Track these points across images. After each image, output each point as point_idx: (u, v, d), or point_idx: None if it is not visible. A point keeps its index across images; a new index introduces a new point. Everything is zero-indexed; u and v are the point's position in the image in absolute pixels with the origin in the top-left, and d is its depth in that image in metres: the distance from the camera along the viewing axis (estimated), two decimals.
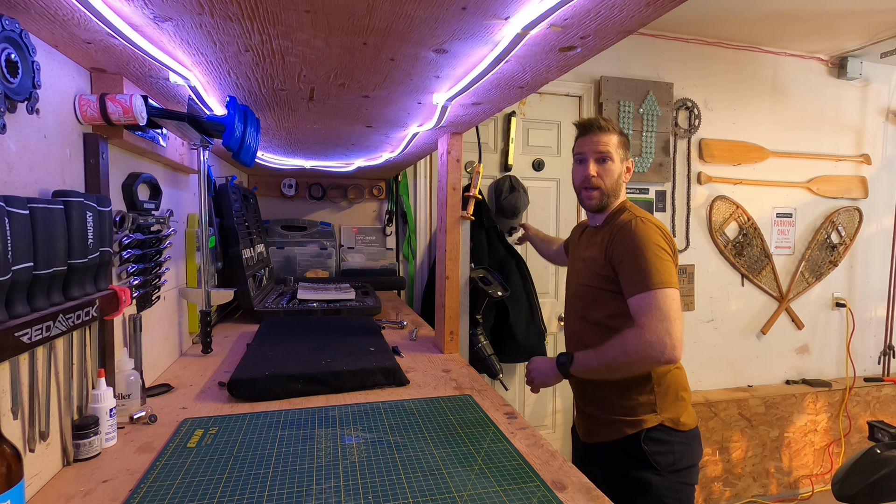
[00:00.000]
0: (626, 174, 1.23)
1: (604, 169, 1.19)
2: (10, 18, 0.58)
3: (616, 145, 1.19)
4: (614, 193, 1.20)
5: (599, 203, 1.20)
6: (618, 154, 1.20)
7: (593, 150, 1.19)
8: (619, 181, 1.20)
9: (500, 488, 0.66)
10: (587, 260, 1.21)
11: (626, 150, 1.22)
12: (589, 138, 1.21)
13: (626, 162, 1.23)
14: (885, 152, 2.94)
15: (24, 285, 0.58)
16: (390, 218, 2.33)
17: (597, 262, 1.16)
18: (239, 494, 0.64)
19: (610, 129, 1.20)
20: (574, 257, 1.33)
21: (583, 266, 1.23)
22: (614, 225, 1.15)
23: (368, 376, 1.03)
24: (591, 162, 1.19)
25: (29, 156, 0.64)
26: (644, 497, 1.09)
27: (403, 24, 0.61)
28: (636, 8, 0.55)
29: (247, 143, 0.94)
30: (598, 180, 1.19)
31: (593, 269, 1.17)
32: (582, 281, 1.22)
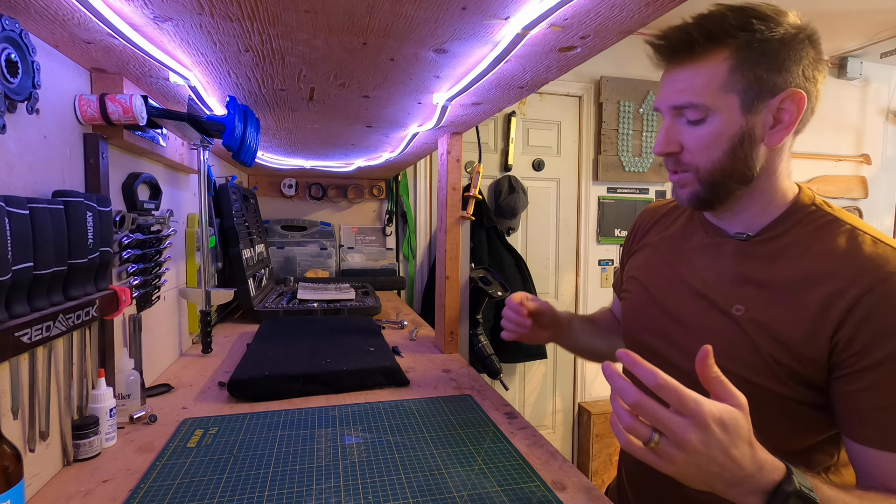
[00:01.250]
0: (775, 129, 0.60)
1: (694, 134, 0.62)
2: (10, 18, 0.58)
3: (721, 78, 0.59)
4: (734, 175, 0.62)
5: (695, 197, 0.65)
6: (728, 95, 0.59)
7: (666, 99, 0.64)
8: (746, 149, 0.60)
9: (500, 488, 0.66)
10: (738, 317, 0.62)
11: (759, 76, 0.58)
12: (668, 74, 0.64)
13: (768, 105, 0.59)
14: (885, 152, 2.94)
15: (24, 285, 0.58)
16: (390, 218, 2.33)
17: (773, 331, 0.59)
18: (239, 494, 0.64)
19: (702, 45, 0.59)
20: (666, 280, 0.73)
21: (720, 323, 0.64)
22: (845, 259, 0.57)
23: (368, 376, 1.03)
24: (668, 122, 0.65)
25: (29, 156, 0.64)
26: None
27: (403, 24, 0.61)
28: (636, 8, 0.55)
29: (247, 143, 0.94)
30: (683, 155, 0.64)
31: (760, 343, 0.60)
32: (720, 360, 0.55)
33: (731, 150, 0.61)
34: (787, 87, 0.59)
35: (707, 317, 0.66)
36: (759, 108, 0.59)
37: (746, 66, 0.58)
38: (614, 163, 2.52)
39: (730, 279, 0.65)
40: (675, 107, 0.63)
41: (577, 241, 2.57)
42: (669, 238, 0.77)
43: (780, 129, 0.60)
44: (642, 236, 0.84)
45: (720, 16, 0.59)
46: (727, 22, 0.58)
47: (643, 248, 0.81)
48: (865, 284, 0.55)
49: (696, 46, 0.59)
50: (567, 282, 2.57)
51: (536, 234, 2.53)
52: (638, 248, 0.83)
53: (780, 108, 0.59)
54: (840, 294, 0.56)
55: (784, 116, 0.60)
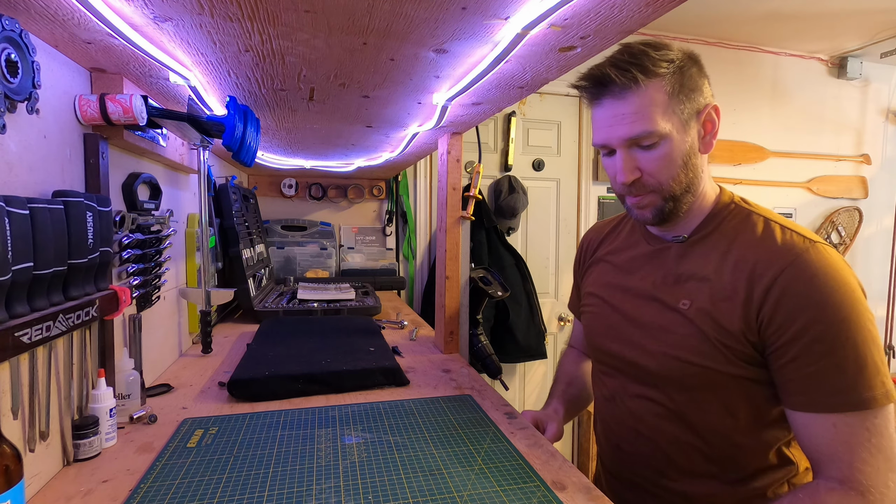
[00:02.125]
0: (705, 139, 0.69)
1: (651, 158, 0.68)
2: (10, 18, 0.58)
3: (663, 105, 0.65)
4: (688, 186, 0.69)
5: (660, 213, 0.71)
6: (670, 119, 0.66)
7: (620, 134, 0.68)
8: (692, 162, 0.68)
9: (500, 488, 0.66)
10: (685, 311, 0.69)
11: (685, 98, 0.66)
12: (604, 112, 0.69)
13: (697, 120, 0.68)
14: (885, 152, 2.94)
15: (24, 285, 0.58)
16: (390, 218, 2.33)
17: (716, 318, 0.66)
18: (239, 494, 0.64)
19: (640, 79, 0.65)
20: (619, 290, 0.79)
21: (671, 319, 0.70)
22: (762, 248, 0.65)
23: (368, 376, 1.03)
24: (623, 153, 0.69)
25: (29, 156, 0.64)
26: None
27: (403, 24, 0.61)
28: (636, 8, 0.55)
29: (247, 143, 0.94)
30: (645, 179, 0.69)
31: (708, 331, 0.66)
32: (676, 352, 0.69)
33: (684, 164, 0.69)
34: (707, 101, 0.70)
35: (660, 315, 0.73)
36: (693, 124, 0.69)
37: (677, 91, 0.67)
38: None
39: (674, 279, 0.73)
40: (630, 138, 0.68)
41: (577, 241, 2.57)
42: (616, 251, 0.85)
43: (710, 137, 0.70)
44: (591, 255, 0.90)
45: (642, 52, 0.66)
46: (651, 57, 0.66)
47: (594, 264, 0.88)
48: (778, 267, 0.63)
49: (638, 79, 0.66)
50: (567, 282, 2.57)
51: (536, 234, 2.53)
52: (589, 266, 0.90)
53: (705, 121, 0.70)
54: (759, 277, 0.64)
55: (708, 126, 0.70)
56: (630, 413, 0.77)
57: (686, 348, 0.68)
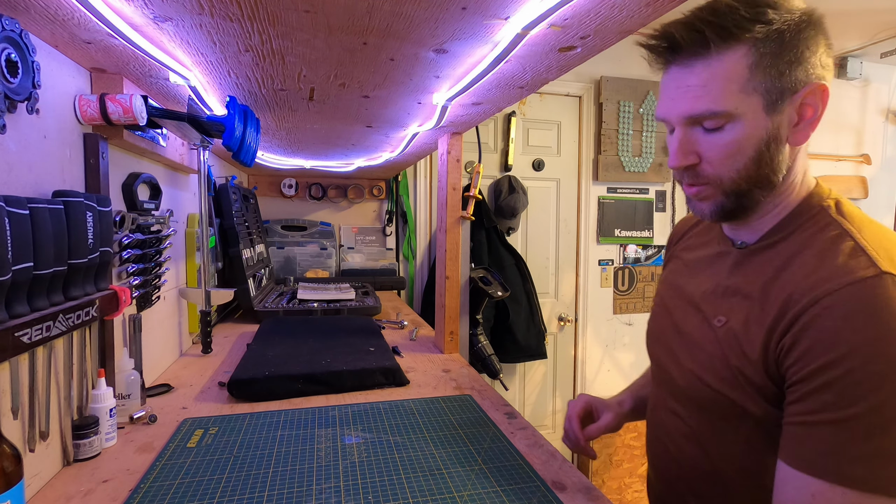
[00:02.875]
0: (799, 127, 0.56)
1: (713, 143, 0.56)
2: (10, 18, 0.58)
3: (740, 80, 0.53)
4: (759, 183, 0.56)
5: (719, 210, 0.59)
6: (748, 98, 0.53)
7: (680, 109, 0.56)
8: (770, 154, 0.55)
9: (500, 488, 0.66)
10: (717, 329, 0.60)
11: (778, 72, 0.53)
12: (669, 80, 0.57)
13: (791, 102, 0.55)
14: (885, 152, 2.94)
15: (24, 285, 0.58)
16: (390, 218, 2.33)
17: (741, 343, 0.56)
18: (239, 494, 0.64)
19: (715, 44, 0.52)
20: (678, 292, 0.70)
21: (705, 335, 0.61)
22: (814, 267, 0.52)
23: (368, 376, 1.03)
24: (681, 133, 0.57)
25: (29, 156, 0.64)
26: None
27: (403, 24, 0.61)
28: (636, 8, 0.55)
29: (247, 143, 0.94)
30: (703, 167, 0.57)
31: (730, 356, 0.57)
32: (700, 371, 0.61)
33: (758, 157, 0.55)
34: (809, 80, 0.55)
35: (698, 329, 0.63)
36: (782, 107, 0.54)
37: (767, 63, 0.52)
38: (614, 163, 2.52)
39: (722, 291, 0.62)
40: (690, 116, 0.55)
41: (577, 241, 2.57)
42: (690, 248, 0.74)
43: (805, 125, 0.56)
44: (670, 250, 0.81)
45: (729, 8, 0.52)
46: (740, 14, 0.52)
47: (671, 259, 0.79)
48: (818, 293, 0.50)
49: (710, 44, 0.52)
50: (567, 282, 2.57)
51: (536, 234, 2.53)
52: (668, 261, 0.81)
53: (803, 104, 0.55)
54: (795, 301, 0.51)
55: (807, 112, 0.56)
56: (663, 427, 0.70)
57: (709, 370, 0.59)
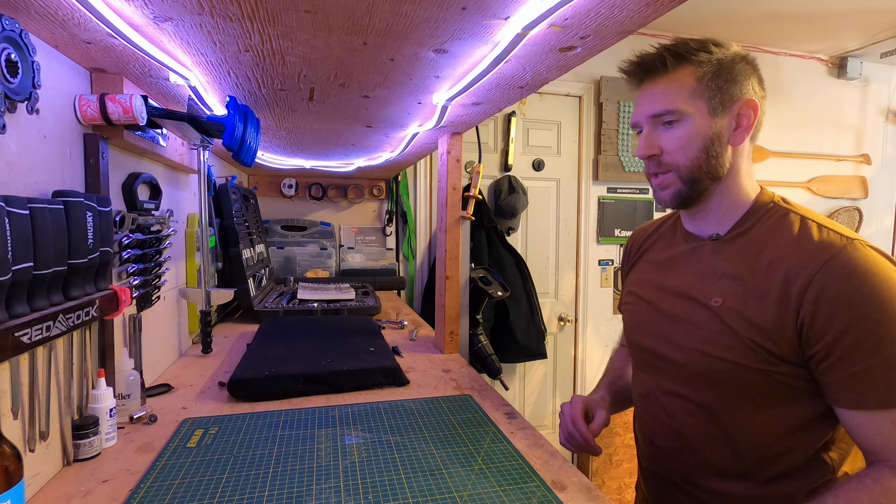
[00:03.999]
0: (737, 131, 0.70)
1: (670, 136, 0.71)
2: (10, 18, 0.58)
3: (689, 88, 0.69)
4: (710, 173, 0.70)
5: (678, 196, 0.73)
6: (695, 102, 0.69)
7: (645, 111, 0.72)
8: (716, 149, 0.69)
9: (500, 488, 0.66)
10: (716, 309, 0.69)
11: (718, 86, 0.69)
12: (640, 93, 0.74)
13: (729, 111, 0.69)
14: (885, 152, 2.94)
15: (24, 285, 0.58)
16: (390, 218, 2.33)
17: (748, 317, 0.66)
18: (239, 494, 0.64)
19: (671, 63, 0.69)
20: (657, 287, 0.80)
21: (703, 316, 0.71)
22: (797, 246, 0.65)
23: (368, 376, 1.03)
24: (646, 129, 0.73)
25: (29, 156, 0.64)
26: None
27: (403, 24, 0.61)
28: (636, 8, 0.55)
29: (247, 143, 0.94)
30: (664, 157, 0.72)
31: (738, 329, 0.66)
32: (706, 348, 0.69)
33: (705, 149, 0.70)
34: (743, 96, 0.70)
35: (693, 312, 0.73)
36: (723, 113, 0.70)
37: (708, 78, 0.69)
38: (614, 163, 2.52)
39: (708, 276, 0.73)
40: (653, 115, 0.72)
41: (577, 241, 2.57)
42: (657, 250, 0.86)
43: (741, 130, 0.71)
44: (634, 254, 0.92)
45: (683, 42, 0.71)
46: (689, 46, 0.70)
47: (636, 264, 0.90)
48: (814, 265, 0.62)
49: (667, 63, 0.70)
50: (567, 282, 2.57)
51: (536, 234, 2.53)
52: (631, 266, 0.92)
53: (739, 114, 0.70)
54: (795, 276, 0.63)
55: (743, 121, 0.70)
56: (662, 408, 0.78)
57: (716, 344, 0.69)
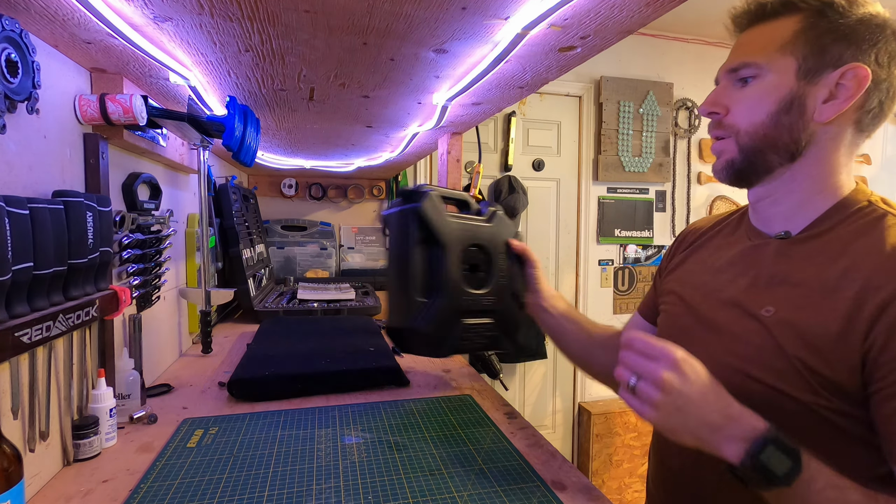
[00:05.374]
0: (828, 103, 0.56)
1: (741, 95, 0.59)
2: (10, 18, 0.58)
3: (782, 40, 0.56)
4: (774, 145, 0.58)
5: (730, 167, 0.62)
6: (783, 58, 0.56)
7: (725, 65, 0.62)
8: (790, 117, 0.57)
9: (500, 488, 0.66)
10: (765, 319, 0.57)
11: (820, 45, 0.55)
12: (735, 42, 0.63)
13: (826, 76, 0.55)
14: (885, 152, 2.94)
15: (24, 285, 0.58)
16: None
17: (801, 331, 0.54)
18: (239, 494, 0.64)
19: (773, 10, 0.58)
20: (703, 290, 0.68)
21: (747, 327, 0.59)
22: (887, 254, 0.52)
23: (368, 376, 1.03)
24: (720, 84, 0.63)
25: (29, 156, 0.64)
26: None
27: (403, 24, 0.61)
28: (636, 8, 0.55)
29: (247, 143, 0.94)
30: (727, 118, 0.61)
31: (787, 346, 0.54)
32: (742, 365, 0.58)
33: (776, 114, 0.57)
34: (854, 61, 0.54)
35: (737, 322, 0.61)
36: (817, 78, 0.56)
37: (812, 32, 0.55)
38: (614, 163, 2.52)
39: (765, 281, 0.60)
40: (730, 69, 0.60)
41: (577, 241, 2.57)
42: (712, 248, 0.72)
43: (834, 104, 0.56)
44: (683, 250, 0.79)
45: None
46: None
47: (683, 262, 0.77)
48: None
49: (768, 8, 0.58)
50: (567, 282, 2.57)
51: (536, 234, 2.53)
52: (677, 262, 0.78)
53: (839, 84, 0.55)
54: (876, 290, 0.50)
55: (841, 92, 0.55)
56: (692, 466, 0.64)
57: (756, 363, 0.57)
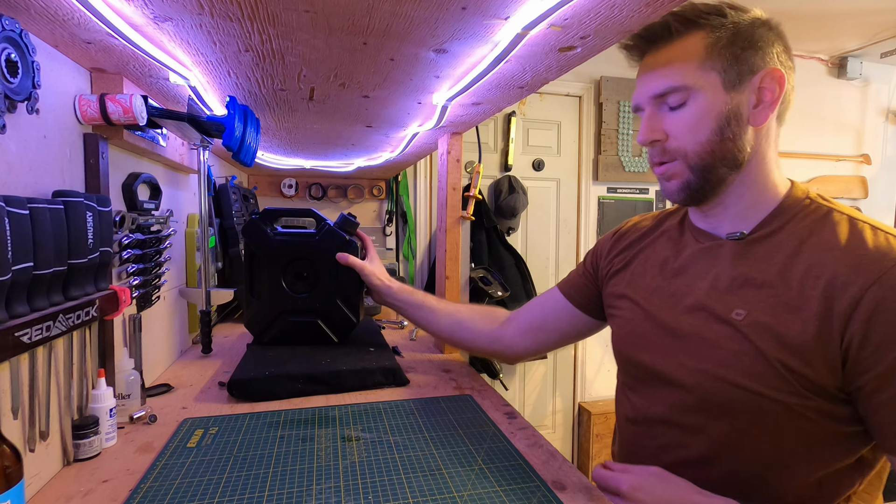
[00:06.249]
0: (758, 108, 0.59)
1: (677, 118, 0.60)
2: (10, 18, 0.58)
3: (698, 58, 0.58)
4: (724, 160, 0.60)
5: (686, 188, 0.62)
6: (706, 75, 0.58)
7: (647, 90, 0.62)
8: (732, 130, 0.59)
9: (500, 488, 0.66)
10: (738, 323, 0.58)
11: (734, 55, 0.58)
12: (645, 67, 0.63)
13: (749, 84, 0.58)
14: (885, 152, 2.94)
15: (24, 285, 0.58)
16: (390, 218, 2.33)
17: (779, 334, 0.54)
18: (239, 494, 0.64)
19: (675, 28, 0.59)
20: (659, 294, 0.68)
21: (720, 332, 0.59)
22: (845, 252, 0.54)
23: (368, 376, 1.03)
24: (649, 111, 0.63)
25: (29, 156, 0.64)
26: None
27: (403, 25, 0.61)
28: (636, 8, 0.55)
29: (247, 143, 0.94)
30: (669, 143, 0.61)
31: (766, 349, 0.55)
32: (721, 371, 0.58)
33: (719, 130, 0.59)
34: (766, 66, 0.59)
35: (705, 327, 0.61)
36: (741, 87, 0.59)
37: (722, 45, 0.58)
38: (614, 163, 2.52)
39: (727, 284, 0.61)
40: (655, 96, 0.62)
41: (577, 241, 2.57)
42: (657, 249, 0.73)
43: (764, 107, 0.59)
44: (624, 252, 0.78)
45: (691, 5, 0.60)
46: (698, 9, 0.60)
47: (628, 263, 0.76)
48: (870, 275, 0.51)
49: (672, 30, 0.60)
50: None
51: (536, 234, 2.53)
52: (622, 264, 0.77)
53: (761, 87, 0.59)
54: (844, 286, 0.52)
55: (766, 95, 0.59)
56: (654, 438, 0.66)
57: (735, 368, 0.57)
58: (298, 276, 1.17)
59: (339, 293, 1.16)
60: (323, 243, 1.15)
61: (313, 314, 1.17)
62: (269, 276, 1.16)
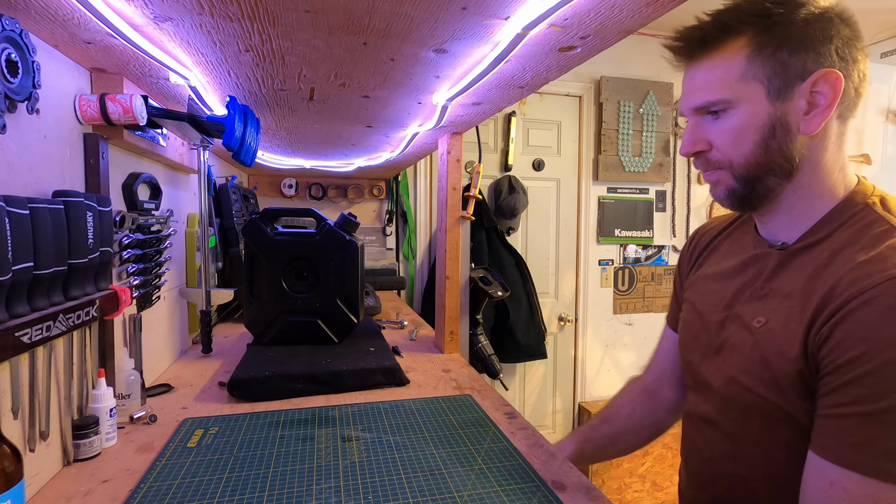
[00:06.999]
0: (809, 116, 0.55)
1: (719, 129, 0.59)
2: (10, 18, 0.58)
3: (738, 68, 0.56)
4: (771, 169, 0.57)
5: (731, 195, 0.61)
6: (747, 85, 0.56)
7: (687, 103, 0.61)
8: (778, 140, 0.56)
9: (500, 488, 0.66)
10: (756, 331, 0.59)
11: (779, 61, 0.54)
12: (687, 76, 0.62)
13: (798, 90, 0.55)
14: (885, 152, 2.94)
15: (24, 285, 0.58)
16: (390, 218, 2.33)
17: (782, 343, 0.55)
18: (239, 494, 0.64)
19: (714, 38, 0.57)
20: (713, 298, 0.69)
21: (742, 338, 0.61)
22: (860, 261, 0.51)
23: (368, 376, 1.03)
24: (691, 121, 0.62)
25: (29, 156, 0.64)
26: None
27: (403, 24, 0.61)
28: (636, 8, 0.55)
29: (247, 143, 0.94)
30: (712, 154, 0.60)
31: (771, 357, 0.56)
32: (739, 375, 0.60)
33: (763, 142, 0.56)
34: (819, 68, 0.54)
35: (736, 332, 0.62)
36: (788, 94, 0.55)
37: (767, 52, 0.55)
38: (614, 163, 2.52)
39: (761, 293, 0.61)
40: (695, 108, 0.60)
41: (577, 241, 2.57)
42: (722, 254, 0.73)
43: (817, 113, 0.55)
44: (697, 255, 0.78)
45: (733, 7, 0.57)
46: (740, 10, 0.56)
47: (700, 267, 0.77)
48: (861, 285, 0.49)
49: (709, 40, 0.57)
50: (567, 282, 2.57)
51: (536, 234, 2.53)
52: (692, 268, 0.79)
53: (813, 92, 0.55)
54: (838, 295, 0.51)
55: (819, 100, 0.55)
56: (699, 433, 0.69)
57: (747, 373, 0.58)
58: (298, 276, 1.18)
59: (338, 293, 1.18)
60: (323, 243, 1.16)
61: (313, 314, 1.18)
62: (270, 276, 1.17)
